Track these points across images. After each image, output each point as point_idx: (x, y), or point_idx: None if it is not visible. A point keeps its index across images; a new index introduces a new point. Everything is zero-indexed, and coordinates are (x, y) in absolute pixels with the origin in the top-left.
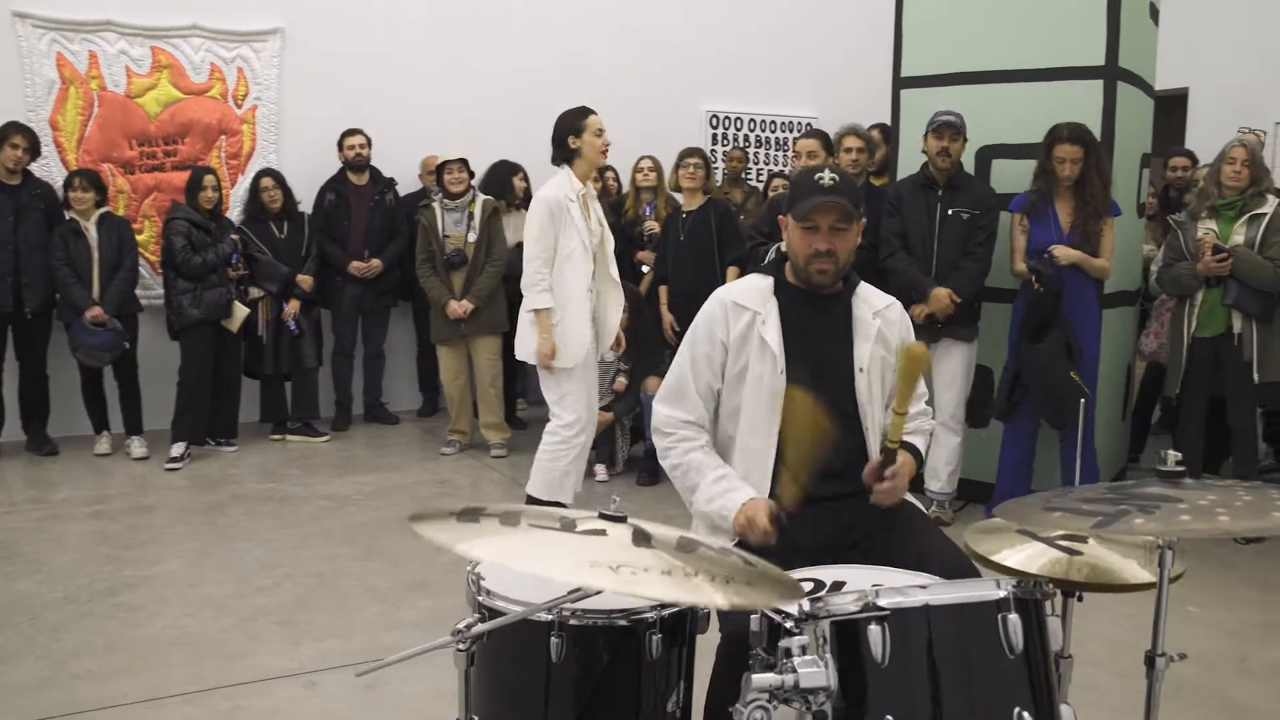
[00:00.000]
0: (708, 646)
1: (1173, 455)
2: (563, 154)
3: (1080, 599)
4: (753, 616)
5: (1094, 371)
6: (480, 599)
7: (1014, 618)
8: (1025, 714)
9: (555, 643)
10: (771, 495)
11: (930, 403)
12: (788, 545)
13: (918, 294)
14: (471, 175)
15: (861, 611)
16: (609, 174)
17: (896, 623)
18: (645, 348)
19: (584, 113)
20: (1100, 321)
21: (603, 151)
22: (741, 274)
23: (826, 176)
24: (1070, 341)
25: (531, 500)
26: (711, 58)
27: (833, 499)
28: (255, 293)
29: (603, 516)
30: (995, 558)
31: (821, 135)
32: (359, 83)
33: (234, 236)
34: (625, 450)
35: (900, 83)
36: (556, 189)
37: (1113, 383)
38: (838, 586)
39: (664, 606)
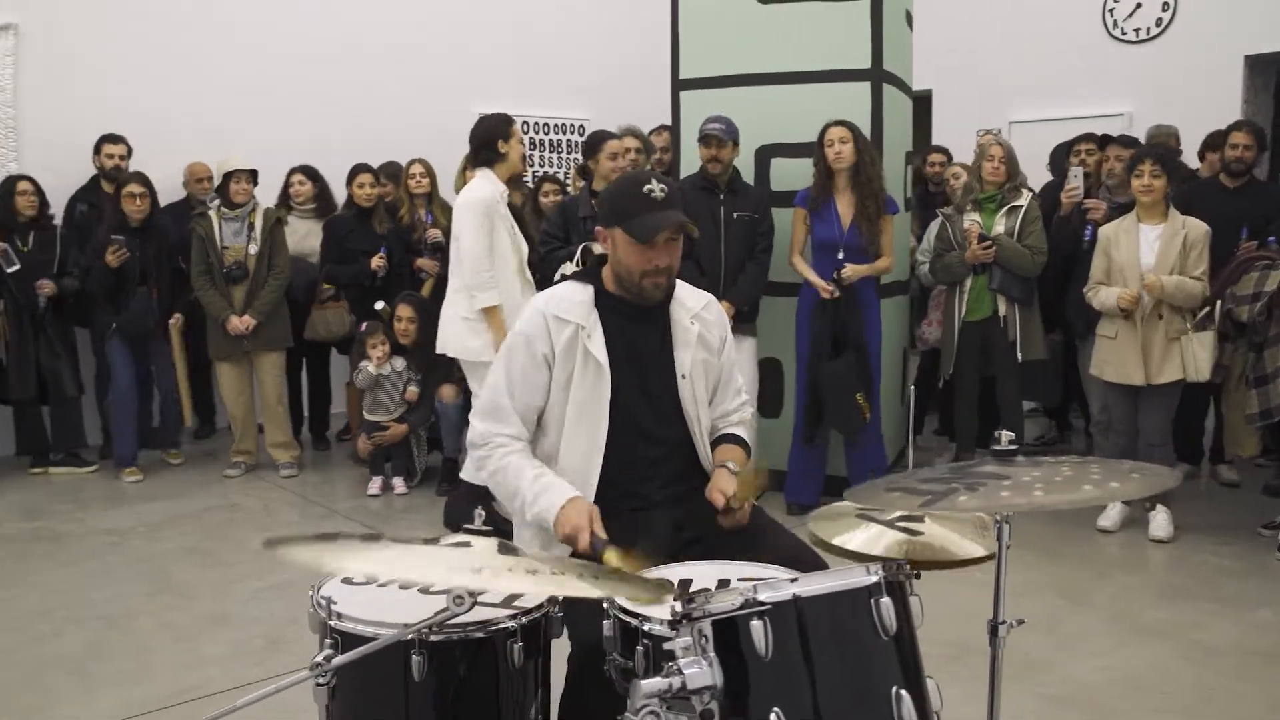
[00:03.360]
0: (560, 652)
1: (1006, 435)
2: (489, 156)
3: (919, 577)
4: (604, 622)
5: (878, 361)
6: (332, 624)
7: (886, 601)
8: (903, 692)
9: (417, 661)
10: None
11: None
12: (624, 548)
13: None
14: (255, 185)
15: (742, 608)
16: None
17: (776, 616)
18: (437, 356)
19: (510, 119)
20: (880, 313)
21: (522, 158)
22: (536, 277)
23: (656, 188)
24: (864, 364)
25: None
26: (483, 58)
27: (678, 498)
28: None
29: (467, 531)
30: (837, 541)
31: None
32: (108, 85)
33: None
34: (423, 461)
35: (679, 85)
36: (489, 188)
37: (890, 369)
38: (685, 585)
39: (524, 614)
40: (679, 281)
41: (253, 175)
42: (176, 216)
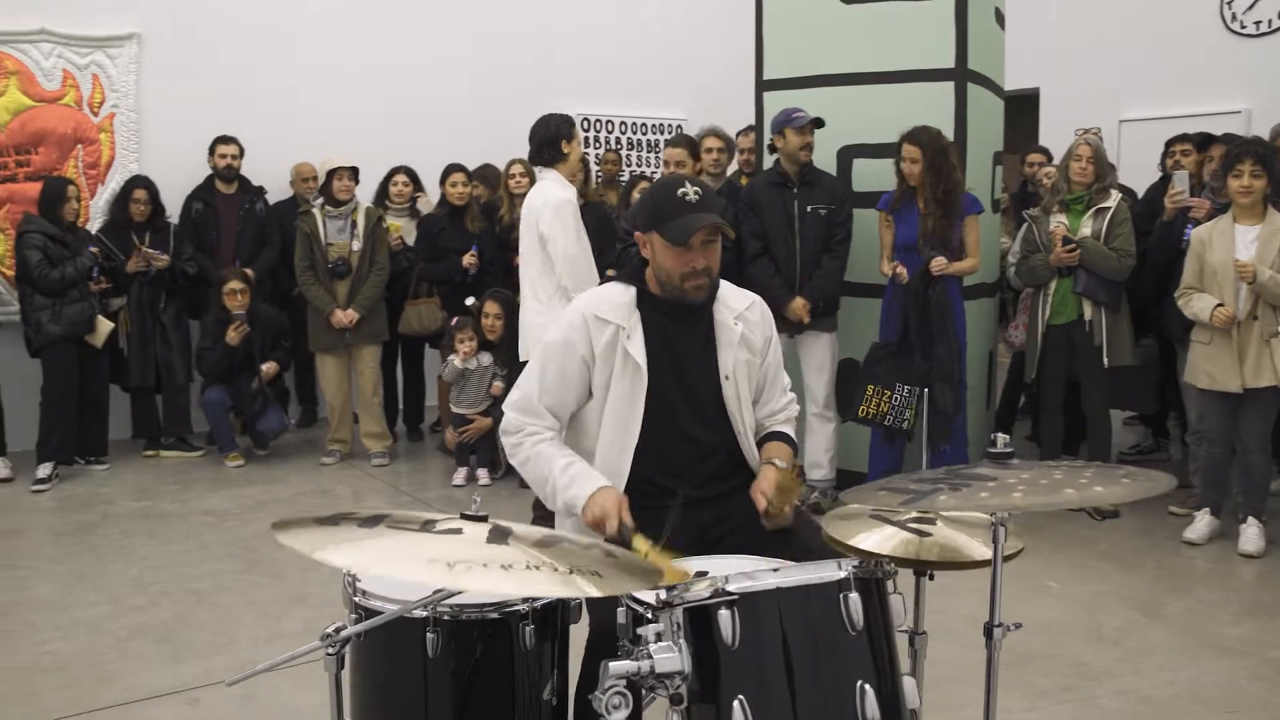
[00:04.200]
0: (580, 636)
1: (1001, 438)
2: (552, 155)
3: (932, 578)
4: (618, 609)
5: (963, 362)
6: (356, 600)
7: (854, 596)
8: (867, 686)
9: (431, 638)
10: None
11: (797, 391)
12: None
13: (776, 305)
14: (357, 183)
15: (712, 597)
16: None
17: (745, 606)
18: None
19: (572, 120)
20: (964, 314)
21: (582, 160)
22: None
23: (690, 191)
24: (936, 367)
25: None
26: (581, 60)
27: (715, 497)
28: (116, 303)
29: (464, 517)
30: (851, 541)
31: (689, 142)
32: (223, 90)
33: (93, 250)
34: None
35: (763, 85)
36: (567, 191)
37: (976, 371)
38: (700, 575)
39: (535, 598)
40: (723, 282)
41: (354, 173)
42: (284, 215)
